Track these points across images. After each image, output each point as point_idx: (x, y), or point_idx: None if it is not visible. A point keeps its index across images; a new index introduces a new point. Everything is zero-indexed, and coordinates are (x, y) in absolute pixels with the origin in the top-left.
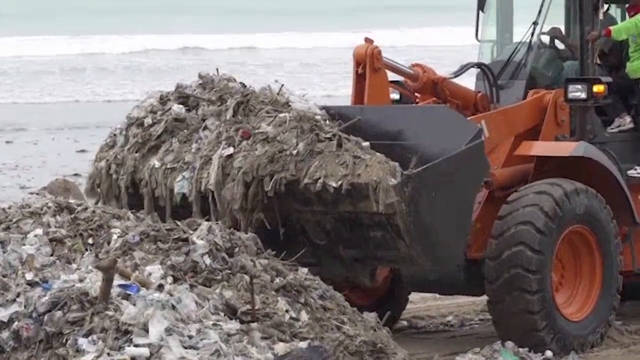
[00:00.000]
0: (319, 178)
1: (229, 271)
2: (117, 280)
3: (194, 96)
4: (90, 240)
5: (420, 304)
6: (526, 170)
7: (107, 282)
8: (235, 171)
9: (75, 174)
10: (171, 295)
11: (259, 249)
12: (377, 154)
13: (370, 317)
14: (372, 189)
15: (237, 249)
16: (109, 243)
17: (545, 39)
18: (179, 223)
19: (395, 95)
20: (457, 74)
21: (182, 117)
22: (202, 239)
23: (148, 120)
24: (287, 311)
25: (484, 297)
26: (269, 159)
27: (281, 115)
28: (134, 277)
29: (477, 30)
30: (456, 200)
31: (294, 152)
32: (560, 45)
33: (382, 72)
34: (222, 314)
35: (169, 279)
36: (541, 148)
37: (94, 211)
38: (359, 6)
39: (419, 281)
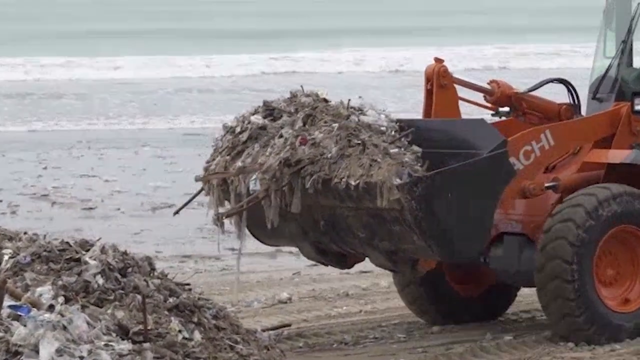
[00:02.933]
0: (344, 177)
1: (122, 291)
2: (8, 301)
3: (277, 108)
4: None
5: (315, 322)
6: (595, 176)
7: None
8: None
9: None
10: (62, 315)
11: (152, 269)
12: (390, 159)
13: (264, 336)
14: (379, 187)
15: (130, 269)
16: (0, 264)
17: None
18: (71, 243)
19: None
20: (533, 88)
21: (264, 126)
22: (94, 259)
23: (237, 129)
24: (180, 331)
25: (380, 316)
26: (310, 160)
27: (333, 125)
28: (24, 298)
29: (604, 47)
30: (476, 201)
31: (329, 155)
32: None
33: (449, 89)
34: (114, 334)
35: (60, 300)
36: (599, 155)
37: None
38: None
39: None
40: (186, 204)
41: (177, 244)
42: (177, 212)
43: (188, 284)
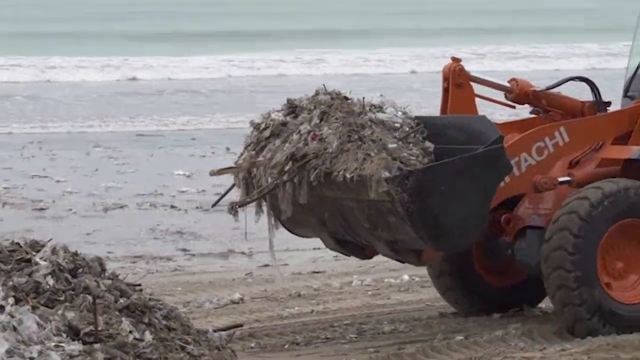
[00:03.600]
0: (341, 171)
1: (72, 292)
2: None
3: (299, 106)
4: None
5: (267, 322)
6: (611, 172)
7: None
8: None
9: None
10: (12, 316)
11: (102, 269)
12: (386, 153)
13: (215, 336)
14: (369, 180)
15: (80, 270)
16: None
17: None
18: (21, 244)
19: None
20: (553, 86)
21: (285, 122)
22: (45, 259)
23: (262, 125)
24: (130, 332)
25: (332, 317)
26: (314, 155)
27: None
28: None
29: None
30: (470, 195)
31: (330, 150)
32: None
33: (465, 87)
34: (64, 335)
35: (11, 301)
36: (612, 151)
37: None
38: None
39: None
40: (222, 197)
41: (129, 245)
42: (214, 205)
43: (139, 285)
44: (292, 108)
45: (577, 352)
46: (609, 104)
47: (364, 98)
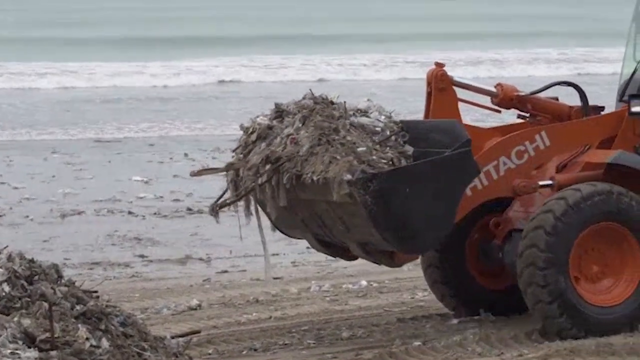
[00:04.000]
0: (309, 173)
1: (28, 299)
2: None
3: (285, 110)
4: None
5: (224, 328)
6: (593, 176)
7: None
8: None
9: None
10: None
11: (59, 276)
12: (354, 156)
13: (172, 343)
14: (331, 182)
15: (36, 277)
16: None
17: None
18: None
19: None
20: (538, 90)
21: (271, 126)
22: (1, 266)
23: (250, 129)
24: (87, 339)
25: (290, 322)
26: (287, 158)
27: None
28: None
29: (633, 52)
30: (436, 197)
31: (301, 153)
32: None
33: (448, 91)
34: (20, 342)
35: None
36: (592, 155)
37: None
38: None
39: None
40: (219, 199)
41: (86, 251)
42: (219, 207)
43: (96, 292)
44: (279, 112)
45: (534, 357)
46: (602, 108)
47: (344, 102)
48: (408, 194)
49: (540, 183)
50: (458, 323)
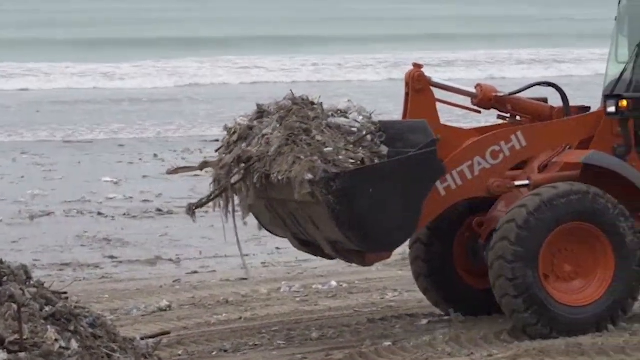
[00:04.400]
0: (275, 173)
1: None
2: None
3: (266, 111)
4: None
5: (194, 329)
6: (569, 176)
7: None
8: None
9: None
10: None
11: (28, 277)
12: (316, 156)
13: (142, 344)
14: (293, 182)
15: (5, 278)
16: None
17: None
18: None
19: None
20: (517, 91)
21: (252, 126)
22: None
23: (232, 130)
24: (56, 340)
25: (260, 323)
26: (258, 158)
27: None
28: None
29: (616, 52)
30: (401, 197)
31: (270, 153)
32: None
33: (425, 92)
34: None
35: None
36: (567, 155)
37: None
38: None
39: None
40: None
41: (56, 252)
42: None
43: (65, 293)
44: (260, 113)
45: (504, 357)
46: (588, 109)
47: (321, 103)
48: (372, 193)
49: (516, 183)
50: (427, 323)
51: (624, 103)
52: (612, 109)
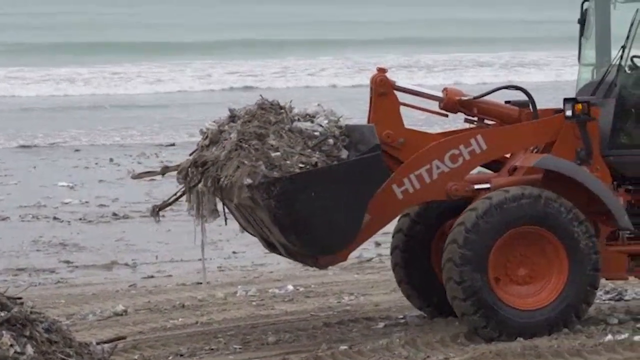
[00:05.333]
0: (222, 177)
1: None
2: None
3: (237, 115)
4: None
5: (150, 334)
6: (530, 180)
7: None
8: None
9: None
10: None
11: None
12: (260, 161)
13: (97, 349)
14: (234, 186)
15: None
16: None
17: (636, 61)
18: None
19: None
20: (482, 95)
21: (223, 130)
22: None
23: (206, 133)
24: (11, 345)
25: (216, 327)
26: (212, 162)
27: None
28: None
29: (579, 54)
30: (343, 201)
31: (221, 157)
32: None
33: (389, 96)
34: None
35: None
36: (519, 160)
37: None
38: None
39: None
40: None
41: (11, 257)
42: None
43: (20, 298)
44: (232, 117)
45: None
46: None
47: (285, 108)
48: (314, 197)
49: (476, 187)
50: (384, 327)
51: (579, 107)
52: (569, 113)
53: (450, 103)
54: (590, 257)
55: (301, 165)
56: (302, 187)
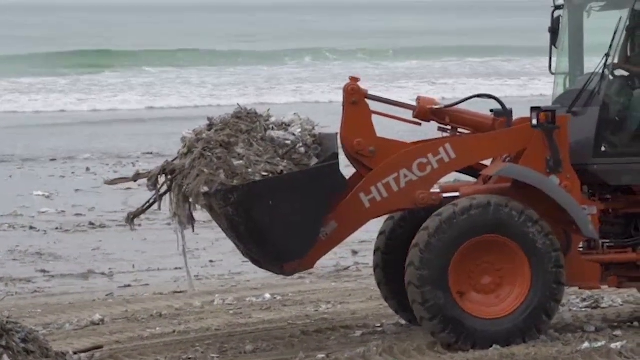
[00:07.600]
0: (185, 185)
1: None
2: None
3: (214, 124)
4: None
5: (127, 343)
6: (499, 189)
7: None
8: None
9: None
10: None
11: None
12: (221, 169)
13: (74, 358)
14: (192, 194)
15: None
16: None
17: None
18: None
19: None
20: (454, 103)
21: (200, 139)
22: None
23: (185, 141)
24: None
25: (193, 336)
26: (179, 170)
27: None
28: None
29: (550, 64)
30: (301, 208)
31: (186, 166)
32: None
33: (360, 105)
34: None
35: None
36: (487, 168)
37: None
38: None
39: None
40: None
41: None
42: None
43: None
44: (210, 126)
45: None
46: None
47: (259, 116)
48: (271, 205)
49: (445, 195)
50: (361, 335)
51: (543, 116)
52: (534, 122)
53: (423, 112)
54: (550, 254)
55: (264, 173)
56: (260, 195)
